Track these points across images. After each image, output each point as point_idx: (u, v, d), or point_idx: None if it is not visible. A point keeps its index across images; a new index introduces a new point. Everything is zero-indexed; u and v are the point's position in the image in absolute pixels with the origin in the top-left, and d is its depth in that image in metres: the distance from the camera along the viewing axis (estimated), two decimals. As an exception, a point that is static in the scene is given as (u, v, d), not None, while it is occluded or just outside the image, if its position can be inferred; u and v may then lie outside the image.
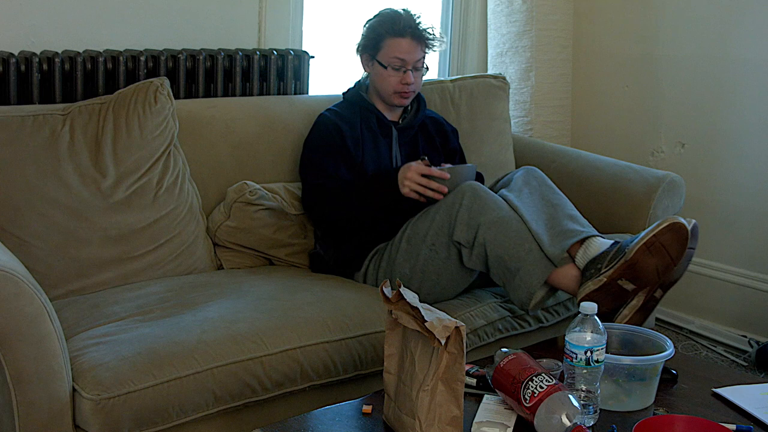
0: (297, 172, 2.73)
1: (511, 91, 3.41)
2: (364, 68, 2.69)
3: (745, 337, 3.29)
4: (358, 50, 2.68)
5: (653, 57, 3.53)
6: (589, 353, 1.69)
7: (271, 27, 3.04)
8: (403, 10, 2.63)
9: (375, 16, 2.66)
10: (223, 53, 2.82)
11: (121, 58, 2.64)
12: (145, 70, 2.67)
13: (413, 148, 2.69)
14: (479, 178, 2.68)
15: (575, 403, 1.61)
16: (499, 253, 2.24)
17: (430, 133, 2.75)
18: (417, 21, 2.60)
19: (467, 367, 1.89)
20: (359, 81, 2.74)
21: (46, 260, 2.24)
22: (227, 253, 2.59)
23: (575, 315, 1.76)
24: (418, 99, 2.74)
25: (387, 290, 1.69)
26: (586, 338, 1.70)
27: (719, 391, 1.89)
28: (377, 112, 2.65)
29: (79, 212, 2.31)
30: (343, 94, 2.75)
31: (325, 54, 3.23)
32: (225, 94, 2.85)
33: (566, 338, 1.72)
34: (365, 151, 2.59)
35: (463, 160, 2.81)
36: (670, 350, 1.84)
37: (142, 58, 2.67)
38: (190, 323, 2.06)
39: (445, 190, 2.36)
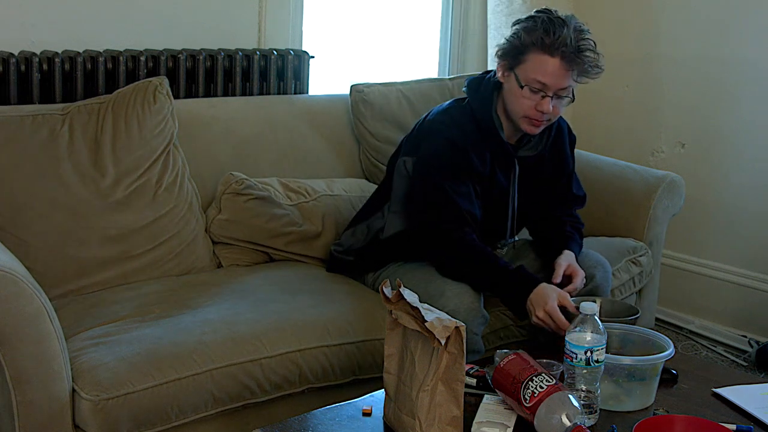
0: (296, 172, 2.73)
1: (511, 91, 3.40)
2: (499, 75, 2.23)
3: (745, 337, 3.29)
4: (497, 53, 2.22)
5: (653, 57, 3.53)
6: (589, 353, 1.69)
7: (271, 27, 3.04)
8: (567, 17, 2.15)
9: (528, 18, 2.17)
10: (223, 53, 2.82)
11: (121, 58, 2.64)
12: (145, 70, 2.67)
13: (530, 186, 2.33)
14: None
15: (575, 403, 1.61)
16: None
17: (546, 163, 2.36)
18: (577, 41, 2.12)
19: (467, 367, 1.89)
20: (492, 82, 2.25)
21: (46, 260, 2.24)
22: (225, 249, 2.58)
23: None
24: (552, 128, 2.33)
25: (387, 290, 1.69)
26: (586, 338, 1.70)
27: (719, 391, 1.89)
28: (503, 143, 2.24)
29: (78, 212, 2.31)
30: (469, 86, 2.30)
31: (325, 54, 3.23)
32: (225, 94, 2.85)
33: (566, 338, 1.72)
34: (485, 191, 2.25)
35: (570, 181, 2.46)
36: (670, 350, 1.84)
37: (142, 58, 2.66)
38: (190, 324, 2.06)
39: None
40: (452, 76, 3.24)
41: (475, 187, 2.22)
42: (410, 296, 1.65)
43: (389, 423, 1.69)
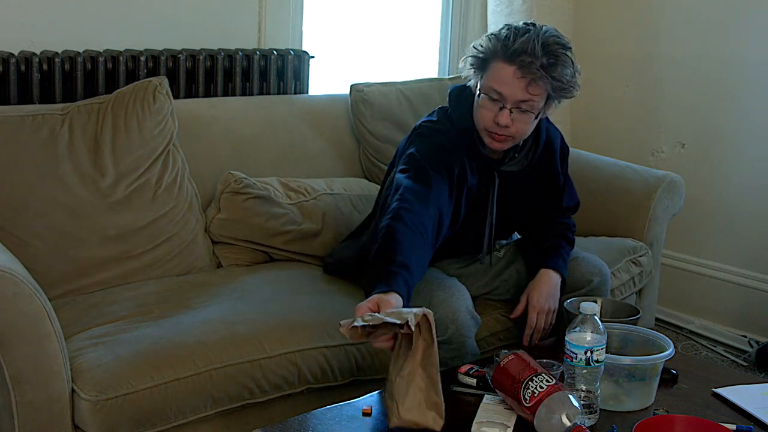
0: (296, 172, 2.73)
1: (511, 91, 3.40)
2: (472, 87, 2.14)
3: (745, 337, 3.29)
4: (468, 65, 2.12)
5: (653, 57, 3.53)
6: (589, 353, 1.69)
7: (271, 27, 3.04)
8: (542, 28, 2.02)
9: (504, 27, 2.07)
10: (223, 53, 2.82)
11: (121, 58, 2.63)
12: (145, 70, 2.67)
13: (510, 201, 2.23)
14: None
15: (575, 403, 1.61)
16: None
17: (533, 177, 2.24)
18: (545, 52, 1.97)
19: (467, 367, 1.90)
20: (472, 92, 2.13)
21: (46, 260, 2.24)
22: (224, 249, 2.58)
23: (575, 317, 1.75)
24: (537, 132, 2.17)
25: (353, 329, 1.61)
26: (586, 338, 1.70)
27: (719, 391, 1.89)
28: (480, 153, 2.13)
29: (78, 212, 2.31)
30: (450, 95, 2.21)
31: (325, 54, 3.23)
32: (225, 94, 2.85)
33: (566, 338, 1.72)
34: (463, 200, 2.13)
35: (559, 205, 2.36)
36: (670, 350, 1.84)
37: (142, 58, 2.66)
38: (189, 324, 2.06)
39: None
40: (452, 76, 3.24)
41: (451, 192, 2.08)
42: (367, 318, 1.63)
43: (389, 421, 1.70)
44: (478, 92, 2.07)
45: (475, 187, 2.16)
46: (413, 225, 1.88)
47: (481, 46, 2.06)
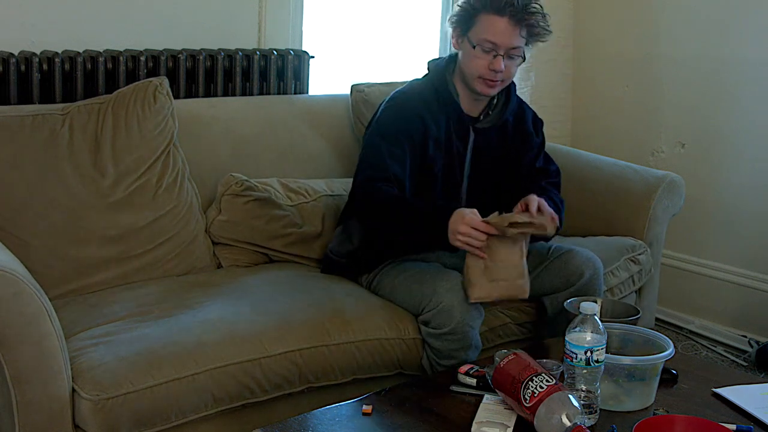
0: (297, 172, 2.72)
1: (511, 91, 3.41)
2: (453, 44, 2.35)
3: (745, 337, 3.29)
4: (449, 23, 2.34)
5: (653, 57, 3.53)
6: (589, 353, 1.69)
7: (271, 27, 3.04)
8: None
9: None
10: (223, 53, 2.82)
11: (121, 58, 2.63)
12: (145, 70, 2.67)
13: (486, 154, 2.40)
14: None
15: (575, 403, 1.61)
16: None
17: (509, 136, 2.43)
18: (524, 3, 2.24)
19: (467, 367, 1.90)
20: (449, 56, 2.40)
21: (46, 260, 2.24)
22: (224, 249, 2.58)
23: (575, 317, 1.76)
24: (508, 92, 2.40)
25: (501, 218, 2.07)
26: (586, 338, 1.70)
27: (719, 391, 1.89)
28: (458, 108, 2.34)
29: (78, 212, 2.31)
30: (429, 65, 2.43)
31: (325, 54, 3.23)
32: (225, 94, 2.85)
33: (566, 338, 1.72)
34: (441, 153, 2.33)
35: (538, 155, 2.51)
36: (670, 350, 1.84)
37: (142, 58, 2.66)
38: (190, 324, 2.06)
39: (494, 232, 2.08)
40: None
41: (426, 153, 2.30)
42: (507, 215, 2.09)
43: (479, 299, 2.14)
44: (471, 45, 2.26)
45: (453, 143, 2.35)
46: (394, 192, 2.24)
47: (469, 3, 2.27)
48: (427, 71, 2.43)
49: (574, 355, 1.70)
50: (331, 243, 2.56)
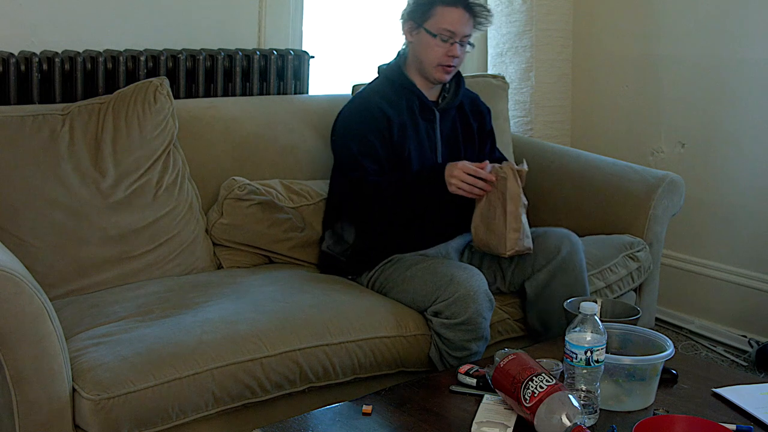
0: (297, 172, 2.73)
1: (510, 91, 3.41)
2: (406, 36, 2.52)
3: (745, 337, 3.29)
4: (402, 16, 2.51)
5: (653, 57, 3.53)
6: (589, 353, 1.69)
7: (271, 27, 3.04)
8: None
9: None
10: (223, 53, 2.82)
11: (121, 58, 2.64)
12: (145, 70, 2.67)
13: (453, 134, 2.57)
14: None
15: (575, 403, 1.61)
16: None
17: (467, 115, 2.63)
18: None
19: (467, 367, 1.90)
20: (399, 53, 2.57)
21: (46, 260, 2.24)
22: (225, 251, 2.59)
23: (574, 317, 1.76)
24: (458, 77, 2.60)
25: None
26: (586, 338, 1.70)
27: (719, 391, 1.89)
28: (419, 93, 2.50)
29: (78, 212, 2.31)
30: (380, 68, 2.59)
31: (325, 54, 3.23)
32: (225, 94, 2.85)
33: (566, 338, 1.72)
34: (410, 142, 2.46)
35: (494, 143, 2.72)
36: (670, 350, 1.84)
37: (142, 58, 2.67)
38: (190, 324, 2.06)
39: (494, 178, 2.30)
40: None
41: (392, 141, 2.44)
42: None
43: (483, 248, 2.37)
44: (431, 35, 2.44)
45: (420, 126, 2.50)
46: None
47: None
48: (377, 74, 2.59)
49: (574, 355, 1.70)
50: (325, 243, 2.58)
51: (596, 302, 2.10)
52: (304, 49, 3.10)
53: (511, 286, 2.47)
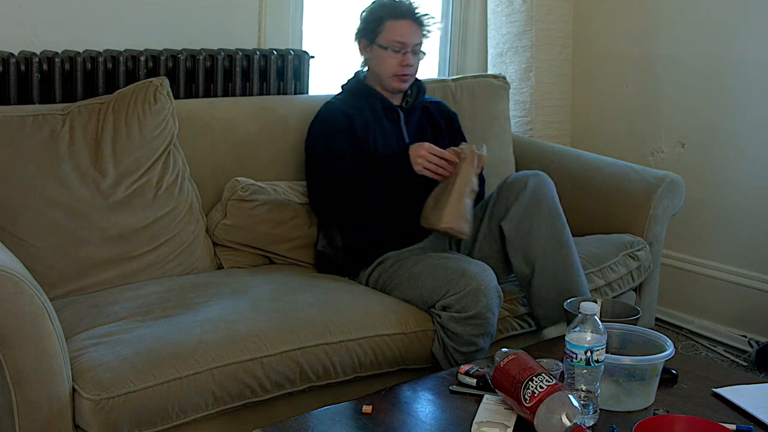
0: (297, 172, 2.73)
1: (511, 91, 3.41)
2: (361, 53, 2.68)
3: (745, 337, 3.29)
4: (356, 36, 2.67)
5: (653, 57, 3.53)
6: (589, 353, 1.69)
7: (271, 27, 3.04)
8: None
9: (373, 2, 2.67)
10: (223, 53, 2.82)
11: (121, 58, 2.64)
12: (145, 70, 2.67)
13: (420, 132, 2.67)
14: (480, 180, 2.62)
15: (575, 403, 1.61)
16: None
17: (434, 115, 2.74)
18: (415, 6, 2.63)
19: (467, 367, 1.90)
20: (357, 72, 2.74)
21: (46, 260, 2.24)
22: (226, 251, 2.59)
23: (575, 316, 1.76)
24: (418, 84, 2.72)
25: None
26: (586, 338, 1.70)
27: (719, 391, 1.89)
28: (381, 96, 2.64)
29: (78, 212, 2.31)
30: (342, 86, 2.73)
31: (325, 54, 3.23)
32: (225, 94, 2.85)
33: (566, 338, 1.72)
34: (374, 136, 2.57)
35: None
36: (670, 350, 1.84)
37: (142, 58, 2.67)
38: (190, 323, 2.06)
39: (457, 159, 2.38)
40: (454, 77, 3.25)
41: (357, 137, 2.55)
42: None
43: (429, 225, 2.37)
44: (383, 48, 2.58)
45: (383, 122, 2.61)
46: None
47: (372, 14, 2.63)
48: (341, 90, 2.72)
49: (574, 355, 1.70)
50: (320, 243, 2.60)
51: (596, 302, 2.10)
52: (304, 49, 3.10)
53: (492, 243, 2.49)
